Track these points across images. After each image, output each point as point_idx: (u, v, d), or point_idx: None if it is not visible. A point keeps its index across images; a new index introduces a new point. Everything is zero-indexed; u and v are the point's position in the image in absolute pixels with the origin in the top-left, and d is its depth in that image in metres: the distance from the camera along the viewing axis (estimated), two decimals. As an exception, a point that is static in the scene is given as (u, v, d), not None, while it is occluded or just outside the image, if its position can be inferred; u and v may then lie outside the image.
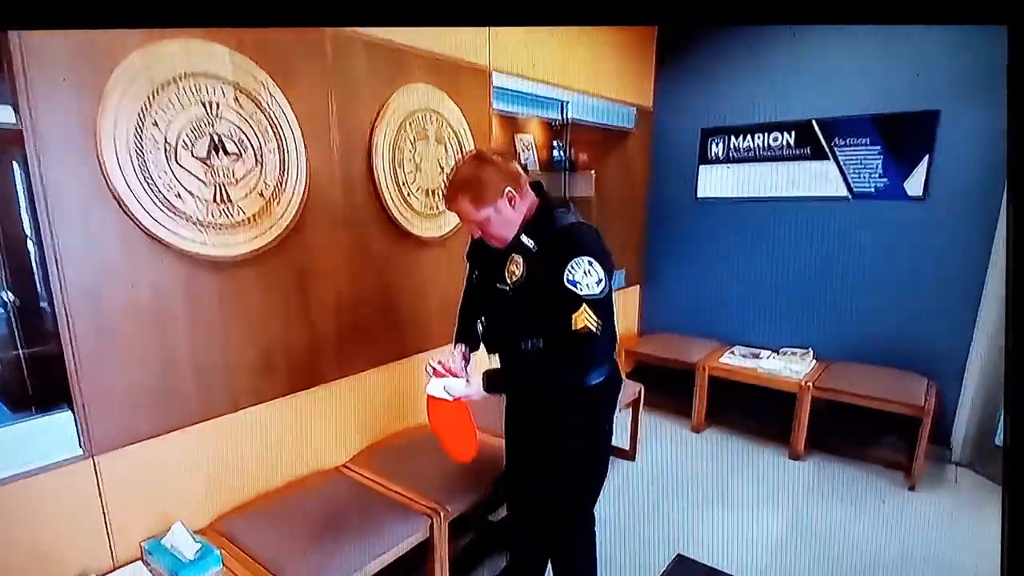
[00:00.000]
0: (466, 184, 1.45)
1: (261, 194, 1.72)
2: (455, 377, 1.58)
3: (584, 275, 1.38)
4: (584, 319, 1.38)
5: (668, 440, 3.26)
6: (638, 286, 3.98)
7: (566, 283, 1.38)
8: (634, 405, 2.89)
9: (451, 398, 1.53)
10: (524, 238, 1.47)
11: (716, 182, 3.51)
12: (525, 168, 3.60)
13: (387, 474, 1.98)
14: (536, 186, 1.52)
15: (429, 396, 1.53)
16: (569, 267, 1.38)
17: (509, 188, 1.45)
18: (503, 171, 1.45)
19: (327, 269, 1.94)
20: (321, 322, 1.96)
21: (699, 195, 3.58)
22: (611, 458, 2.83)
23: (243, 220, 1.69)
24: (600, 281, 1.39)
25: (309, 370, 1.94)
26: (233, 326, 1.73)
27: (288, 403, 1.90)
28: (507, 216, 1.46)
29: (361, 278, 2.06)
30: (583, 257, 1.38)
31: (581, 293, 1.38)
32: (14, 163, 1.42)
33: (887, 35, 2.89)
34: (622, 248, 3.83)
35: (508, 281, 1.50)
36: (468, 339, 1.74)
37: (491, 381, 1.52)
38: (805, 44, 3.13)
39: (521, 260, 1.49)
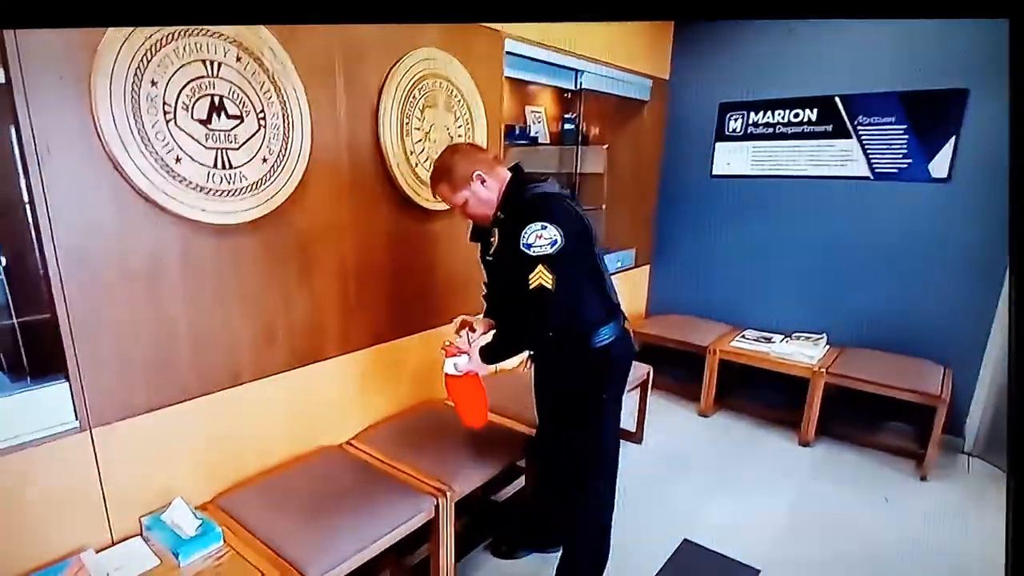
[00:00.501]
0: (441, 173, 1.67)
1: (264, 159, 1.68)
2: (464, 354, 1.74)
3: (536, 237, 1.50)
4: (539, 278, 1.51)
5: (676, 423, 3.26)
6: (648, 266, 3.97)
7: (522, 248, 1.51)
8: (642, 387, 2.89)
9: (460, 374, 1.72)
10: (500, 212, 1.65)
11: (733, 159, 3.46)
12: (535, 140, 3.56)
13: (392, 453, 1.98)
14: (514, 168, 1.71)
15: (445, 374, 1.74)
16: (523, 233, 1.51)
17: (478, 171, 1.64)
18: (472, 157, 1.66)
19: (331, 240, 1.93)
20: (324, 295, 1.95)
21: (714, 172, 3.53)
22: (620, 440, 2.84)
23: (245, 186, 1.65)
24: (555, 241, 1.50)
25: (312, 344, 1.94)
26: (233, 297, 1.71)
27: (290, 378, 1.89)
28: (482, 195, 1.65)
29: (366, 250, 2.05)
30: (536, 222, 1.51)
31: (533, 253, 1.50)
32: (10, 126, 1.37)
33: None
34: (632, 226, 3.81)
35: (490, 252, 1.69)
36: (491, 314, 1.89)
37: (484, 353, 1.69)
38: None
39: (497, 231, 1.66)
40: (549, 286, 1.50)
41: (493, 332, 1.77)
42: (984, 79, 2.68)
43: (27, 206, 1.35)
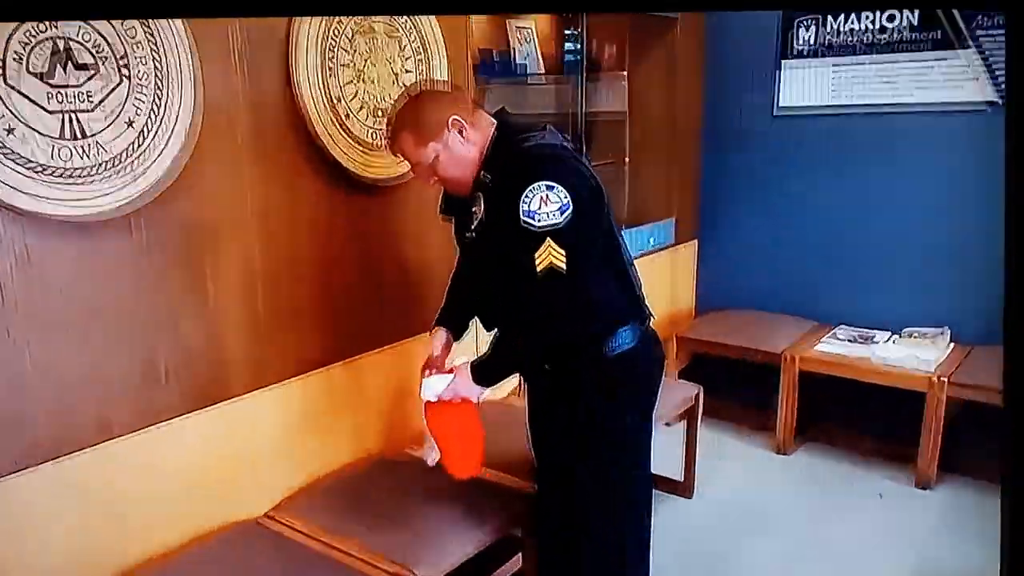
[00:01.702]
0: (403, 119, 1.71)
1: (129, 123, 1.72)
2: (445, 374, 1.82)
3: (541, 203, 1.56)
4: (548, 256, 1.57)
5: (741, 466, 3.29)
6: (694, 242, 4.00)
7: (522, 219, 1.57)
8: (689, 416, 2.91)
9: (435, 399, 1.80)
10: (483, 173, 1.71)
11: (805, 86, 3.50)
12: (521, 72, 3.60)
13: (333, 525, 2.01)
14: (499, 115, 1.77)
15: (424, 402, 1.82)
16: (523, 199, 1.57)
17: (455, 116, 1.68)
18: (444, 98, 1.71)
19: (232, 234, 1.97)
20: (226, 312, 1.98)
21: (780, 107, 3.58)
22: (658, 492, 2.85)
23: (105, 162, 1.69)
24: (564, 207, 1.57)
25: (212, 379, 1.98)
26: (98, 322, 1.75)
27: (183, 427, 1.93)
28: (458, 151, 1.70)
29: (284, 246, 2.08)
30: (538, 183, 1.57)
31: (539, 225, 1.56)
32: None
33: None
34: (669, 188, 3.85)
35: (471, 227, 1.74)
36: (452, 322, 1.99)
37: (479, 371, 1.76)
38: None
39: (482, 198, 1.71)
40: (561, 267, 1.58)
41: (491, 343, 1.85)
42: None
43: None
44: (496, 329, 1.88)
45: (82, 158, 1.66)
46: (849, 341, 3.35)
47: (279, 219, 2.06)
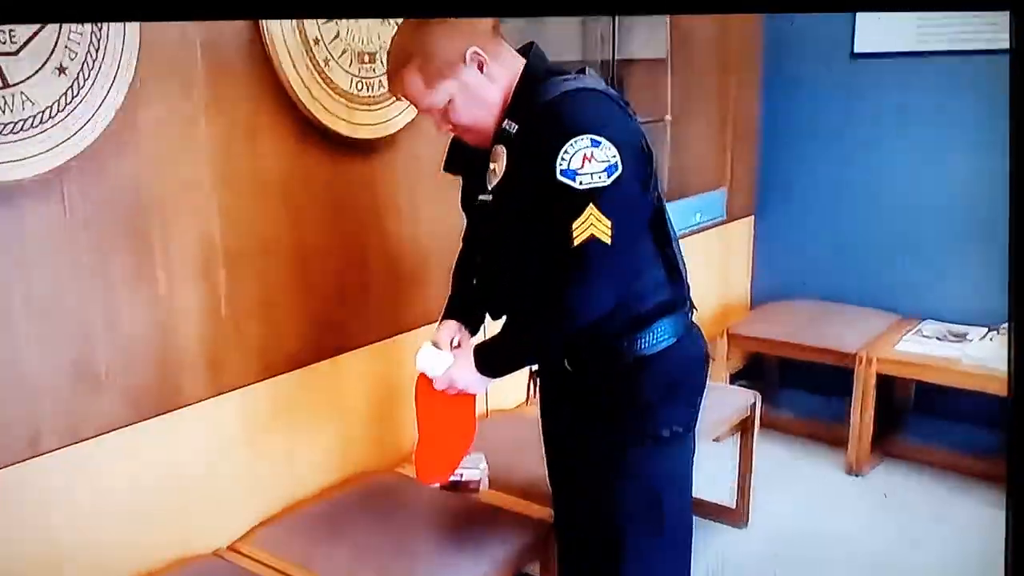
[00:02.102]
0: (407, 51, 1.65)
1: (61, 69, 1.70)
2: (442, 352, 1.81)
3: (584, 160, 1.54)
4: (590, 225, 1.55)
5: (804, 490, 3.27)
6: (749, 218, 3.99)
7: (559, 178, 1.54)
8: (743, 428, 2.91)
9: (433, 376, 1.77)
10: (507, 121, 1.67)
11: (888, 24, 3.45)
12: (537, 3, 3.53)
13: (308, 561, 2.00)
14: (528, 50, 1.74)
15: (419, 376, 1.80)
16: (561, 155, 1.54)
17: (474, 48, 1.62)
18: (460, 25, 1.63)
19: (186, 203, 1.95)
20: (178, 296, 1.96)
21: (857, 50, 3.55)
22: (704, 520, 2.91)
23: (31, 116, 1.67)
24: (612, 167, 1.54)
25: (160, 381, 1.95)
26: (21, 312, 1.72)
27: (124, 441, 1.89)
28: (478, 90, 1.66)
29: (246, 216, 2.07)
30: (582, 135, 1.54)
31: (581, 187, 1.54)
32: None
33: None
34: (720, 151, 3.82)
35: (488, 188, 1.72)
36: (464, 312, 1.95)
37: (483, 357, 1.73)
38: None
39: (503, 152, 1.67)
40: (606, 238, 1.56)
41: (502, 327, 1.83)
42: None
43: None
44: (507, 317, 1.86)
45: (2, 112, 1.63)
46: (938, 339, 3.33)
47: (242, 187, 2.03)
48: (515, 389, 2.33)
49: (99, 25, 1.75)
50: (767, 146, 3.89)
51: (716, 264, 3.84)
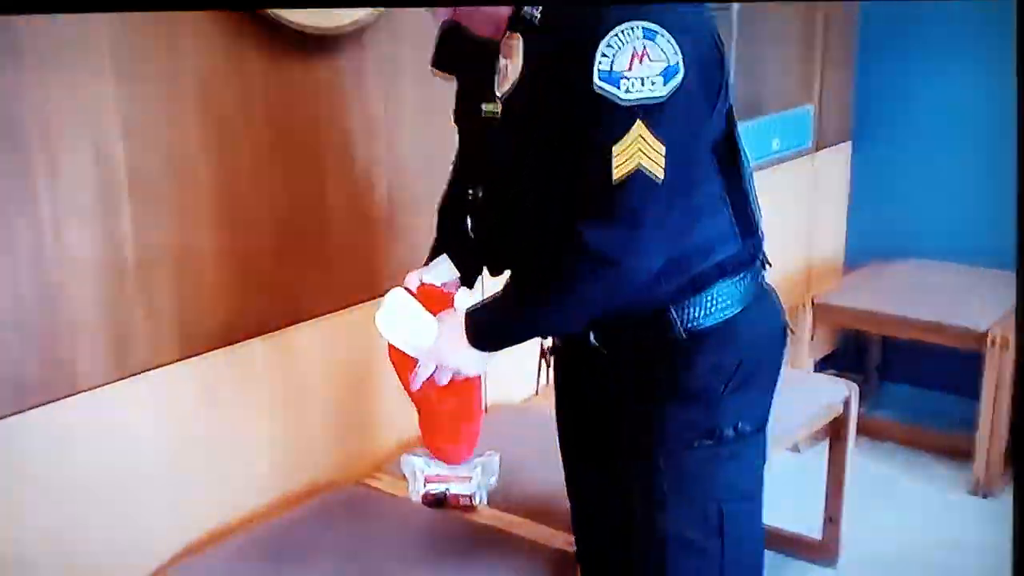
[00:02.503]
0: None
1: None
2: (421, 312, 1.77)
3: (633, 59, 1.43)
4: (636, 150, 1.46)
5: (915, 516, 3.25)
6: (845, 146, 3.98)
7: (597, 84, 1.44)
8: (834, 433, 2.89)
9: (410, 352, 1.75)
10: (526, 8, 1.58)
11: None
12: None
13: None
14: None
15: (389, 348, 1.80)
16: (601, 50, 1.43)
17: None
18: None
19: (80, 118, 1.88)
20: (70, 246, 1.90)
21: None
22: (781, 555, 3.01)
23: None
24: (670, 71, 1.45)
25: (47, 360, 1.90)
26: None
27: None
28: None
29: (162, 138, 2.01)
30: (631, 23, 1.43)
31: (627, 97, 1.44)
32: None
33: None
34: (805, 59, 3.83)
35: (497, 94, 1.66)
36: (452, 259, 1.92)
37: (475, 325, 1.69)
38: None
39: (519, 44, 1.59)
40: (657, 171, 1.47)
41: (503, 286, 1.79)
42: None
43: None
44: (512, 273, 1.84)
45: None
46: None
47: (157, 98, 1.98)
48: (521, 376, 2.22)
49: None
50: (867, 51, 3.81)
51: (799, 209, 3.81)
